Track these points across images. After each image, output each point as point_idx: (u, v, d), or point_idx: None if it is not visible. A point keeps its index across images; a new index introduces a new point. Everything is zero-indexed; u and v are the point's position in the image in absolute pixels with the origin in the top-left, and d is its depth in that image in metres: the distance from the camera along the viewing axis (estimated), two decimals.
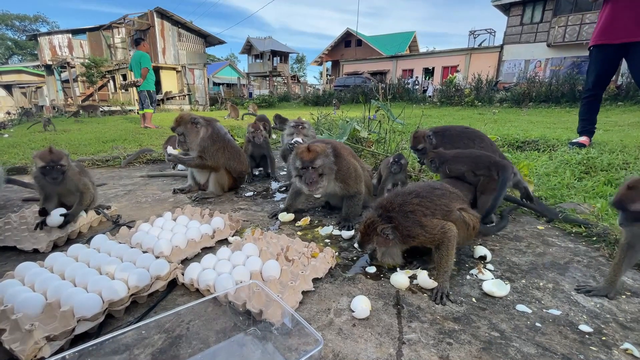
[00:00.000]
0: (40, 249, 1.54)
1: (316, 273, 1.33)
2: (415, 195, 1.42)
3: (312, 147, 1.79)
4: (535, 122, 7.73)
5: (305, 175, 1.73)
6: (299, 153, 1.78)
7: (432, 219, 1.35)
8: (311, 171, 1.73)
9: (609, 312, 1.15)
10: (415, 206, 1.37)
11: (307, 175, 1.73)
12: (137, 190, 2.69)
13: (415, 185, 1.54)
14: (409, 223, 1.34)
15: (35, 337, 0.90)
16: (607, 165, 3.06)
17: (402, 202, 1.39)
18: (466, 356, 0.96)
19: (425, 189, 1.47)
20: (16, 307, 1.01)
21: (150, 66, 7.49)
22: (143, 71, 7.35)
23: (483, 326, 1.08)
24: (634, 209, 1.07)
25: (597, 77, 3.59)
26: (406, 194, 1.43)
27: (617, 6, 3.26)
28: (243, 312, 1.09)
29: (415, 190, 1.45)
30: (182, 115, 2.32)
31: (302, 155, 1.75)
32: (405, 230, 1.34)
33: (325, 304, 1.20)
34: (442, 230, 1.32)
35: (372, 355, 0.96)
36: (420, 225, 1.33)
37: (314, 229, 1.90)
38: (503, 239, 1.77)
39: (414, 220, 1.34)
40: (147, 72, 7.40)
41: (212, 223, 1.76)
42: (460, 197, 1.53)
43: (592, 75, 3.64)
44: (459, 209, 1.43)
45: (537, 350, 0.98)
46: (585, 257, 1.54)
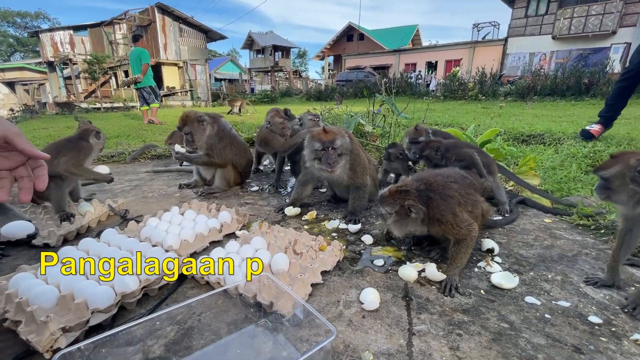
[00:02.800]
0: (51, 244, 1.56)
1: (324, 266, 1.34)
2: (453, 180, 1.38)
3: (328, 128, 1.79)
4: (540, 115, 7.66)
5: (325, 156, 1.72)
6: (316, 135, 1.76)
7: (463, 211, 1.32)
8: (331, 152, 1.72)
9: (618, 304, 1.15)
10: (454, 192, 1.33)
11: (326, 155, 1.72)
12: (143, 185, 2.71)
13: (448, 170, 1.50)
14: (445, 207, 1.29)
15: (51, 328, 0.91)
16: None
17: (444, 183, 1.35)
18: (476, 347, 0.96)
19: (458, 177, 1.43)
20: (30, 299, 1.02)
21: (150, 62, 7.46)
22: (143, 67, 7.31)
23: (492, 318, 1.09)
24: (603, 174, 1.12)
25: None
26: (446, 176, 1.40)
27: None
28: (254, 304, 1.10)
29: (451, 175, 1.42)
30: (187, 114, 2.31)
31: (320, 136, 1.74)
32: (438, 214, 1.29)
33: (334, 297, 1.21)
34: (469, 228, 1.30)
35: (382, 346, 0.97)
36: (453, 214, 1.29)
37: (320, 222, 1.90)
38: (510, 232, 1.77)
39: (450, 206, 1.30)
40: (147, 68, 7.37)
41: (219, 217, 1.77)
42: (478, 188, 1.52)
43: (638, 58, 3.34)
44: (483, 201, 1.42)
45: (547, 341, 0.98)
46: (594, 249, 1.54)
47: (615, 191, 1.11)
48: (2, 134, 0.65)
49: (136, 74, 7.44)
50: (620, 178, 1.08)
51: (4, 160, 0.68)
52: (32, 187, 0.71)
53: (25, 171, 0.71)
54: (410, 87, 16.68)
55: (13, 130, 0.67)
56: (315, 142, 1.75)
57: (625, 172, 1.07)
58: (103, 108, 15.26)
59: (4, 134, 0.66)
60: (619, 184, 1.09)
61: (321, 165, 1.76)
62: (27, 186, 0.70)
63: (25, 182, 0.70)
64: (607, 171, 1.12)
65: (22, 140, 0.68)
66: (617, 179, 1.09)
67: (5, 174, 0.69)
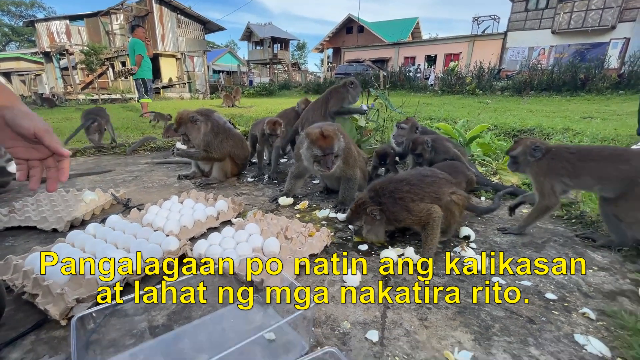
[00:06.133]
0: (59, 229, 1.67)
1: (312, 249, 1.46)
2: (406, 183, 1.52)
3: (325, 133, 1.84)
4: (534, 110, 7.77)
5: (324, 160, 1.83)
6: (315, 141, 1.83)
7: (419, 204, 1.46)
8: (329, 156, 1.83)
9: (575, 284, 1.28)
10: (404, 193, 1.48)
11: (325, 160, 1.83)
12: (143, 176, 2.81)
13: (407, 173, 1.65)
14: (396, 208, 1.46)
15: (66, 299, 1.03)
16: None
17: (393, 189, 1.51)
18: (442, 318, 1.09)
19: (417, 176, 1.57)
20: (46, 276, 1.14)
21: (145, 53, 7.30)
22: (137, 58, 7.21)
23: (460, 295, 1.21)
24: (512, 154, 1.66)
25: None
26: (398, 181, 1.54)
27: None
28: (246, 281, 1.22)
29: (406, 178, 1.56)
30: (181, 115, 2.39)
31: (320, 143, 1.82)
32: (392, 215, 1.47)
33: (320, 276, 1.33)
34: (428, 213, 1.44)
35: (360, 317, 1.09)
36: (407, 210, 1.45)
37: (311, 212, 2.02)
38: (489, 221, 1.89)
39: (402, 205, 1.46)
40: (141, 60, 7.22)
41: (217, 206, 1.88)
42: (450, 181, 1.64)
43: None
44: (450, 194, 1.55)
45: (505, 314, 1.11)
46: (562, 237, 1.67)
47: (520, 164, 1.64)
48: (33, 130, 0.76)
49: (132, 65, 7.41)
50: (522, 155, 1.62)
51: (35, 151, 0.79)
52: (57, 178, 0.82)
53: (53, 162, 0.81)
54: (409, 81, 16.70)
55: (42, 127, 0.78)
56: (316, 148, 1.83)
57: (525, 150, 1.61)
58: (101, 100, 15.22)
59: (35, 131, 0.76)
60: (522, 159, 1.62)
61: (320, 167, 1.88)
62: (53, 176, 0.82)
63: (52, 173, 0.81)
64: (514, 151, 1.65)
65: (50, 136, 0.79)
66: (521, 155, 1.62)
67: (36, 164, 0.80)
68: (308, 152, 1.91)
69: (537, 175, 1.59)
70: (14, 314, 1.10)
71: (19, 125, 0.81)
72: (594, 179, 1.49)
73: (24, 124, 0.81)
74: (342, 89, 3.10)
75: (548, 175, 1.55)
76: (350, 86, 3.10)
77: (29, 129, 0.81)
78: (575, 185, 1.55)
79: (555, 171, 1.54)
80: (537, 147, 1.58)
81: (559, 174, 1.53)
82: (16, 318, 1.08)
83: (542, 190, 1.58)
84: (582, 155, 1.52)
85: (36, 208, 1.86)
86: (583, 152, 1.54)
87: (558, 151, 1.57)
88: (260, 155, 2.89)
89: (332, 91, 3.15)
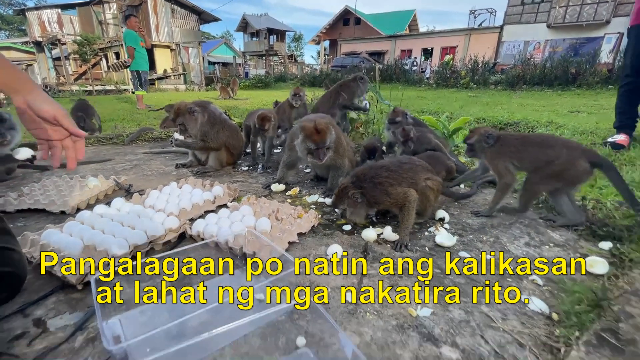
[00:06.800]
0: (67, 211, 1.81)
1: (300, 229, 1.61)
2: (385, 169, 1.68)
3: (319, 127, 1.95)
4: (525, 104, 7.92)
5: (317, 153, 1.98)
6: (310, 135, 1.95)
7: (397, 188, 1.62)
8: (322, 149, 1.97)
9: (530, 256, 1.45)
10: (384, 178, 1.63)
11: (318, 152, 1.97)
12: (142, 165, 2.94)
13: (387, 160, 1.80)
14: (376, 192, 1.61)
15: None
16: None
17: (373, 174, 1.65)
18: (411, 284, 1.25)
19: (395, 163, 1.73)
20: (61, 248, 1.28)
21: (139, 44, 7.20)
22: (129, 50, 7.13)
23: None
24: (468, 142, 1.86)
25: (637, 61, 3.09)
26: (378, 168, 1.70)
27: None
28: (240, 254, 1.37)
29: (386, 164, 1.72)
30: (179, 107, 2.51)
31: (314, 137, 1.94)
32: (372, 198, 1.62)
33: (306, 251, 1.49)
34: (405, 196, 1.60)
35: (339, 283, 1.25)
36: (386, 194, 1.61)
37: (302, 197, 2.17)
38: (465, 205, 2.06)
39: (381, 189, 1.61)
40: (133, 52, 7.15)
41: (213, 191, 2.03)
42: (426, 168, 1.80)
43: (631, 58, 3.14)
44: (425, 179, 1.71)
45: (466, 280, 1.28)
46: (528, 219, 1.84)
47: (476, 151, 1.85)
48: (53, 114, 0.90)
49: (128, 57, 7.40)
50: (478, 142, 1.82)
51: (54, 133, 0.93)
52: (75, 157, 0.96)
53: (71, 143, 0.95)
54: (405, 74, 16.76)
55: (61, 111, 0.91)
56: (310, 142, 1.96)
57: (480, 138, 1.81)
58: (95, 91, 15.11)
59: (55, 114, 0.90)
60: (478, 146, 1.83)
61: (313, 158, 2.03)
62: (71, 156, 0.95)
63: (71, 152, 0.95)
64: (471, 140, 1.85)
65: (68, 119, 0.92)
66: (477, 143, 1.82)
67: (56, 144, 0.94)
68: (303, 145, 2.03)
69: (492, 159, 1.81)
70: (34, 281, 1.24)
71: (40, 109, 0.94)
72: (530, 161, 1.73)
73: (45, 107, 0.94)
74: (353, 83, 3.31)
75: (501, 158, 1.78)
76: (360, 81, 3.31)
77: (50, 112, 0.94)
78: (520, 167, 1.78)
79: (506, 155, 1.77)
80: (490, 135, 1.79)
81: (509, 157, 1.77)
82: (36, 284, 1.23)
83: (499, 171, 1.78)
84: (523, 142, 1.77)
85: (43, 192, 1.99)
86: (524, 139, 1.81)
87: (506, 138, 1.81)
88: (253, 145, 3.03)
89: (344, 85, 3.35)
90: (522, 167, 1.77)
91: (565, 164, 1.62)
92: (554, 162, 1.64)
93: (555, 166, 1.64)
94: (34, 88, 0.97)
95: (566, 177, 1.64)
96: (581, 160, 1.60)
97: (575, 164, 1.61)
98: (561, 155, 1.63)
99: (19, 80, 0.95)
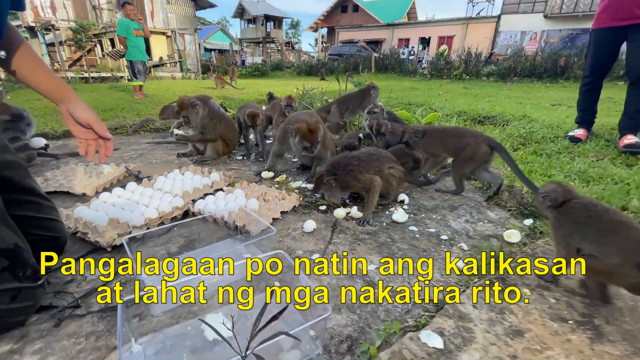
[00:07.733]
0: (87, 193, 2.14)
1: (284, 208, 1.97)
2: (356, 159, 2.02)
3: (311, 127, 2.29)
4: (512, 97, 8.19)
5: (310, 148, 2.35)
6: (305, 135, 2.29)
7: (365, 174, 1.97)
8: (315, 145, 2.34)
9: (465, 230, 1.82)
10: (354, 167, 1.98)
11: (311, 149, 2.35)
12: (147, 154, 3.26)
13: (359, 151, 2.15)
14: (348, 178, 1.96)
15: (110, 232, 1.53)
16: (540, 138, 3.67)
17: (346, 163, 2.00)
18: (365, 249, 1.62)
19: (365, 154, 2.07)
20: (91, 220, 1.63)
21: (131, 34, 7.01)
22: (120, 39, 7.00)
23: (383, 237, 1.74)
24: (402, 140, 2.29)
25: (596, 63, 3.30)
26: (350, 157, 2.04)
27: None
28: (233, 226, 1.73)
29: (357, 155, 2.06)
30: (183, 100, 2.82)
31: (309, 137, 2.29)
32: (344, 182, 1.97)
33: (286, 225, 1.85)
34: (371, 181, 1.95)
35: (309, 248, 1.62)
36: (356, 179, 1.96)
37: (288, 183, 2.52)
38: (426, 191, 2.42)
39: (352, 176, 1.96)
40: (124, 41, 7.02)
41: (211, 177, 2.37)
42: (391, 159, 2.14)
43: (591, 60, 3.34)
44: (388, 168, 2.06)
45: (409, 247, 1.65)
46: (474, 202, 2.21)
47: (412, 145, 2.26)
48: (87, 119, 1.22)
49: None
50: (410, 138, 2.24)
51: (89, 133, 1.26)
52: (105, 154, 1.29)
53: (102, 142, 1.28)
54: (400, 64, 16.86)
55: (93, 117, 1.24)
56: (305, 141, 2.32)
57: (411, 135, 2.24)
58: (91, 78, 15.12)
59: (87, 120, 1.23)
60: (411, 141, 2.25)
61: (307, 153, 2.40)
62: (102, 153, 1.28)
63: (102, 150, 1.28)
64: (404, 138, 2.27)
65: (99, 124, 1.25)
66: (409, 139, 2.25)
67: (91, 142, 1.26)
68: (299, 144, 2.38)
69: (425, 148, 2.27)
70: (72, 245, 1.59)
71: (76, 116, 1.26)
72: (449, 149, 2.20)
73: (80, 114, 1.27)
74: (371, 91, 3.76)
75: (429, 147, 2.25)
76: (373, 89, 3.73)
77: (84, 118, 1.27)
78: (446, 151, 2.24)
79: (432, 144, 2.23)
80: (417, 131, 2.24)
81: (435, 146, 2.23)
82: (74, 248, 1.58)
83: (432, 154, 2.30)
84: (444, 134, 2.23)
85: (65, 177, 2.32)
86: (444, 131, 2.28)
87: (431, 131, 2.25)
88: (246, 138, 3.34)
89: (366, 91, 3.83)
90: (447, 151, 2.24)
91: (473, 149, 2.09)
92: (465, 148, 2.11)
93: (467, 152, 2.11)
94: (74, 98, 1.29)
95: (476, 159, 2.11)
96: (483, 145, 2.09)
97: (480, 148, 2.09)
98: (470, 142, 2.11)
99: (64, 92, 1.27)
